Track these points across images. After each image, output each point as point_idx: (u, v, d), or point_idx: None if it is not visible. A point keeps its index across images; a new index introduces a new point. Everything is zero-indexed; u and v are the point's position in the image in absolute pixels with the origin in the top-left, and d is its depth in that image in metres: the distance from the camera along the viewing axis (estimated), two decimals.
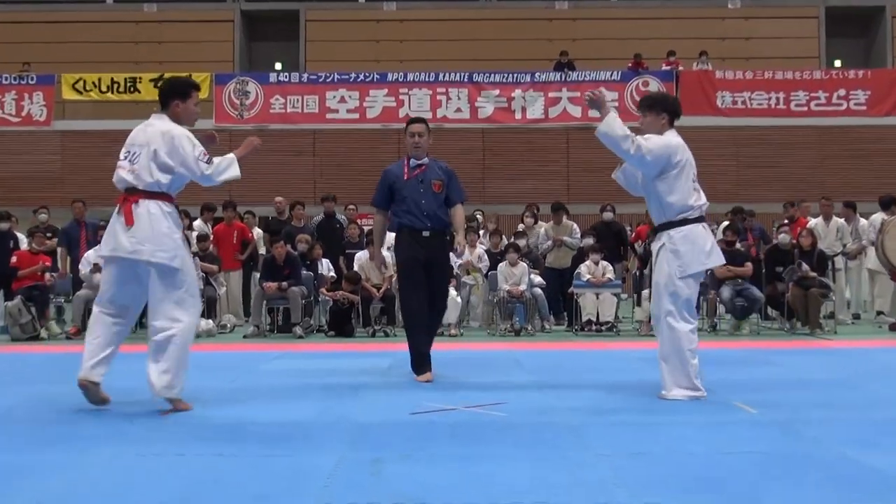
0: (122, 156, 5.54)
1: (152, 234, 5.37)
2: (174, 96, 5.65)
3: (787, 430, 4.82)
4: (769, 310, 13.10)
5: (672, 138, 5.99)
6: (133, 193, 5.44)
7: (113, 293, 5.54)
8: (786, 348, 10.07)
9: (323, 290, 12.26)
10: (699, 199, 5.99)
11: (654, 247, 6.08)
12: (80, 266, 11.98)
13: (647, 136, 5.94)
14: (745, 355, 9.12)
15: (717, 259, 6.07)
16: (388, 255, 11.31)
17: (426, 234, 7.10)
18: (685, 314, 5.88)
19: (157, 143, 5.43)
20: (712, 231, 14.61)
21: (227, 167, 5.62)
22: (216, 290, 12.50)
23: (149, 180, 5.41)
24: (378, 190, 7.35)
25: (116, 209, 5.52)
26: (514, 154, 19.46)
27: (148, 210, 5.40)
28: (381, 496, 3.54)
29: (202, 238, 12.74)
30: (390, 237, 12.47)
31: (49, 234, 13.29)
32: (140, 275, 5.47)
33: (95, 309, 5.59)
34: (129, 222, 5.39)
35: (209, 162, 5.52)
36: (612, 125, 5.83)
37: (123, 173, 5.48)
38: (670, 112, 6.11)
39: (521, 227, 14.19)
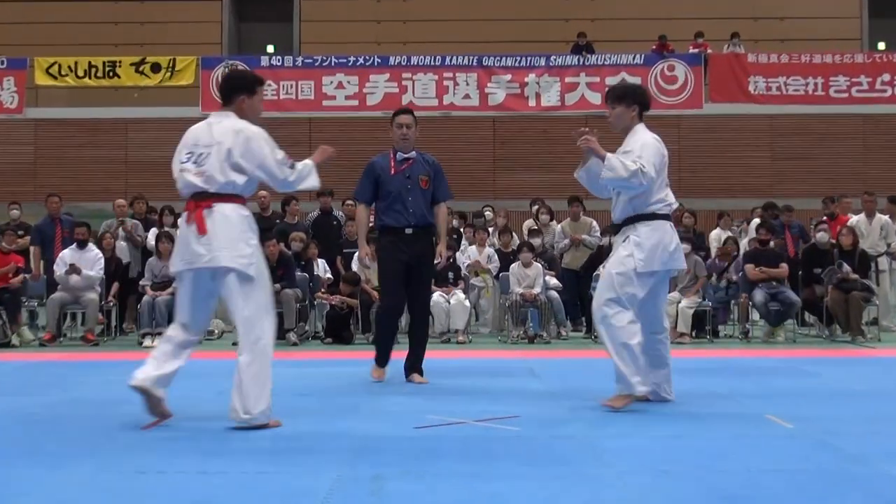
0: (183, 158, 5.44)
1: (228, 239, 5.29)
2: (239, 91, 5.57)
3: (826, 446, 4.82)
4: (806, 315, 13.08)
5: (651, 136, 6.14)
6: (203, 198, 5.35)
7: (191, 313, 5.47)
8: (824, 357, 10.06)
9: (319, 292, 12.28)
10: (670, 196, 6.18)
11: (617, 240, 6.21)
12: (54, 267, 12.03)
13: (638, 154, 6.00)
14: (779, 365, 9.12)
15: (679, 263, 6.24)
16: None
17: (409, 231, 7.33)
18: (626, 306, 5.93)
19: (229, 141, 5.34)
20: (744, 229, 14.56)
21: (309, 174, 5.60)
22: None
23: (222, 181, 5.33)
24: (362, 183, 7.52)
25: (184, 217, 5.44)
26: (528, 145, 19.46)
27: (223, 214, 5.32)
28: None
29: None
30: None
31: (21, 232, 13.33)
32: (216, 287, 5.43)
33: (171, 332, 5.51)
34: (203, 231, 5.29)
35: (292, 167, 5.48)
36: (615, 167, 5.98)
37: (190, 177, 5.37)
38: (641, 104, 6.26)
39: (527, 224, 14.16)
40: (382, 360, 7.57)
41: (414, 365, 7.53)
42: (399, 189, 7.35)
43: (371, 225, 8.16)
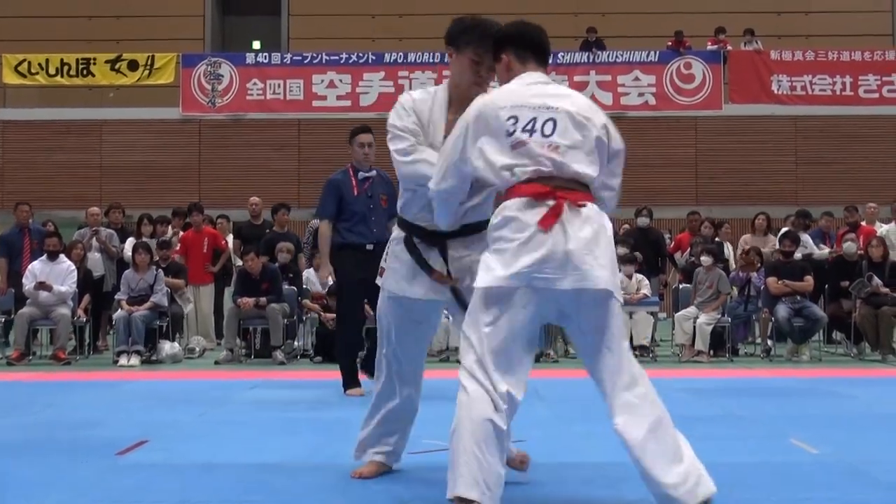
0: None
1: None
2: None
3: (856, 473, 4.81)
4: (833, 332, 13.06)
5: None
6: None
7: None
8: (853, 377, 10.06)
9: (306, 301, 12.20)
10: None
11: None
12: (23, 280, 11.99)
13: None
14: (804, 385, 9.10)
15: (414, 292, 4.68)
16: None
17: (370, 247, 7.93)
18: None
19: None
20: (762, 237, 14.32)
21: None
22: (183, 308, 12.51)
23: None
24: (325, 200, 8.22)
25: None
26: None
27: None
28: None
29: (164, 245, 12.74)
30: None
31: None
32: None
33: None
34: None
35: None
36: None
37: None
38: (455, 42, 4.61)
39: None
40: (352, 380, 8.11)
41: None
42: (363, 209, 8.06)
43: None
